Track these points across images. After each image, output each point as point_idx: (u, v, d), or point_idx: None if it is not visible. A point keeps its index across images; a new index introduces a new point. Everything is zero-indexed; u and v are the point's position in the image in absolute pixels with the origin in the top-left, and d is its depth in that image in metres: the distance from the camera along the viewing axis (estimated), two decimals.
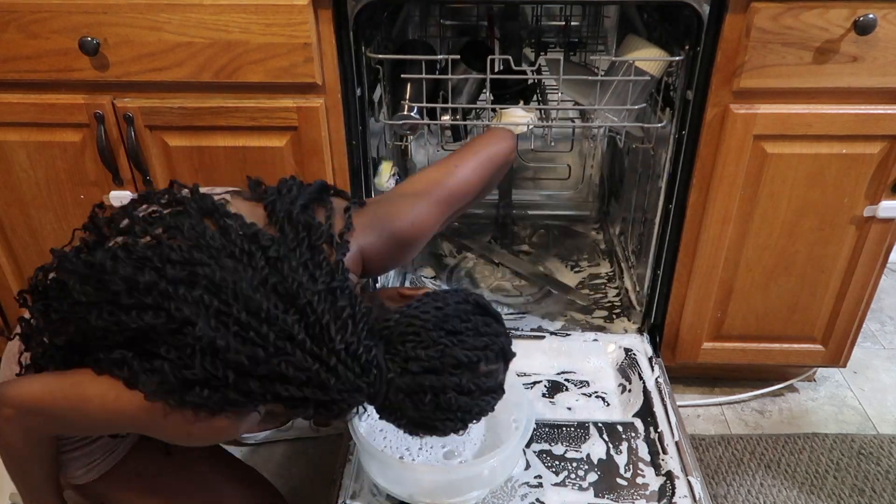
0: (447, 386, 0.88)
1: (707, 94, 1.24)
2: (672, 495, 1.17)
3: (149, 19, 1.19)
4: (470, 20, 1.86)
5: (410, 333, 0.90)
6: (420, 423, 0.91)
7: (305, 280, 0.86)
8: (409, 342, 0.89)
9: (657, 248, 1.46)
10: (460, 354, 0.88)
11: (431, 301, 0.93)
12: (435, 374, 0.88)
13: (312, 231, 0.91)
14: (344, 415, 0.90)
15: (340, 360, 0.84)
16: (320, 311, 0.84)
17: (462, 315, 0.92)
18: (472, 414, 0.92)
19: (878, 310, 1.99)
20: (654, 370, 1.44)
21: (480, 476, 1.13)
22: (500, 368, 0.94)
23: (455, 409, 0.89)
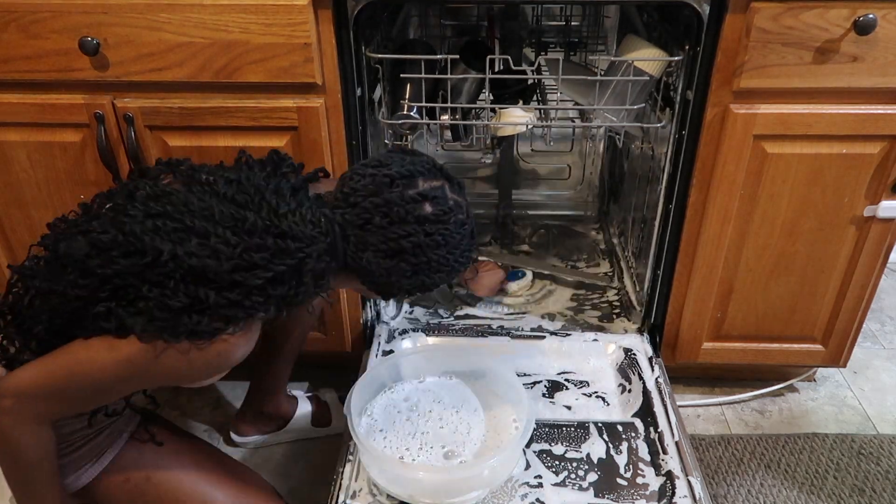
0: (391, 202, 0.92)
1: (707, 94, 1.24)
2: (672, 495, 1.17)
3: (149, 19, 1.18)
4: (470, 20, 1.87)
5: (348, 182, 0.96)
6: (409, 276, 0.95)
7: (262, 183, 0.94)
8: (347, 188, 0.95)
9: (657, 248, 1.46)
10: (393, 171, 0.94)
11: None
12: (376, 195, 0.92)
13: (278, 163, 1.02)
14: (324, 288, 0.95)
15: (291, 221, 0.89)
16: (268, 195, 0.92)
17: (390, 156, 0.99)
18: (450, 246, 0.96)
19: (879, 310, 1.99)
20: (654, 370, 1.44)
21: (480, 476, 1.13)
22: (445, 186, 0.97)
23: (427, 243, 0.93)
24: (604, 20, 1.86)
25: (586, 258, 1.93)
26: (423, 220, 0.93)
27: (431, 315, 1.66)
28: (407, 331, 1.57)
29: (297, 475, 1.45)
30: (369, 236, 0.93)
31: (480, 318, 1.65)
